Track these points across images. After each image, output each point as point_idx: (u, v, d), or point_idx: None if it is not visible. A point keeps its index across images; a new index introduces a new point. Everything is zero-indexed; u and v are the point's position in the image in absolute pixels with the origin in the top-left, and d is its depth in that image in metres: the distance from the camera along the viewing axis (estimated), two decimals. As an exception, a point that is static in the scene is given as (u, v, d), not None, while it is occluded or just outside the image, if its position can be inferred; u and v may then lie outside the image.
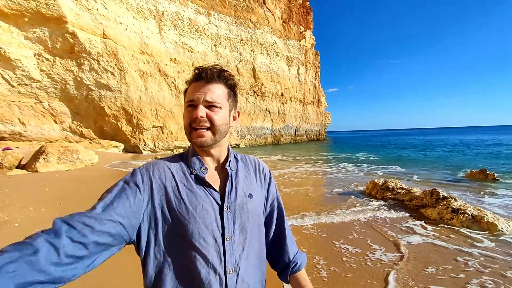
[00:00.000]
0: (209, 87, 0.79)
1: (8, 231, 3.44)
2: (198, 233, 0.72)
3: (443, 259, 2.91)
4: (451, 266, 2.74)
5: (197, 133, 0.78)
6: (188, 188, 0.77)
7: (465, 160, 14.06)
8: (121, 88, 18.63)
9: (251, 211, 0.83)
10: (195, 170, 0.81)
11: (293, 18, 43.62)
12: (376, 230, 3.82)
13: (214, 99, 0.78)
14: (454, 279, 2.51)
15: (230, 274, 0.74)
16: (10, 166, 8.43)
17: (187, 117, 0.79)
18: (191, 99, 0.78)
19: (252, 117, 36.20)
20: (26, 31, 14.77)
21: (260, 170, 0.96)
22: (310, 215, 4.48)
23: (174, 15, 25.88)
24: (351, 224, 4.11)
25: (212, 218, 0.75)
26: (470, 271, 2.64)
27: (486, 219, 3.78)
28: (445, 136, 59.30)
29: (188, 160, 0.84)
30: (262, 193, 0.92)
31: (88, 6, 17.14)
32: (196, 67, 0.82)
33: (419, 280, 2.49)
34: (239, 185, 0.84)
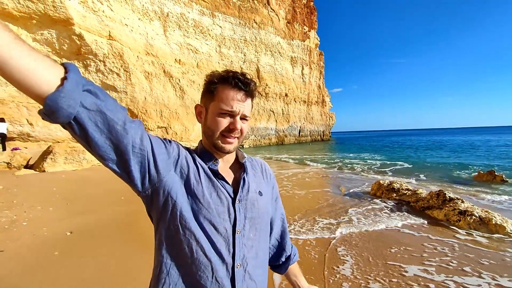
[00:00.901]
0: (249, 101, 0.83)
1: (17, 230, 3.51)
2: (210, 219, 0.73)
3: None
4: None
5: (227, 140, 0.80)
6: (206, 174, 0.79)
7: (473, 161, 13.83)
8: (126, 89, 18.82)
9: (261, 207, 0.84)
10: (207, 164, 0.82)
11: (297, 18, 43.51)
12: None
13: (248, 113, 0.82)
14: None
15: (238, 268, 0.74)
16: (19, 166, 8.58)
17: (220, 124, 0.79)
18: (230, 109, 0.78)
19: (256, 117, 36.20)
20: (34, 33, 15.02)
21: (266, 171, 0.99)
22: (329, 224, 4.05)
23: (178, 16, 26.05)
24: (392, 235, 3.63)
25: (225, 208, 0.76)
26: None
27: (494, 221, 3.72)
28: (452, 136, 58.47)
29: (200, 154, 0.85)
30: (269, 192, 0.94)
31: (94, 8, 17.37)
32: (230, 70, 0.81)
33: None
34: (250, 181, 0.86)
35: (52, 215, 4.15)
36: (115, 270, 2.58)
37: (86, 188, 6.26)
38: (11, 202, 4.71)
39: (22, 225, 3.70)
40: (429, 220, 4.23)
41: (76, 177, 7.56)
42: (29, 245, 3.08)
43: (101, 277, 2.47)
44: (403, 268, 2.72)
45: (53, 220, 3.92)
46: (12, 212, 4.21)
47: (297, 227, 3.97)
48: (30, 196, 5.20)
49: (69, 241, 3.23)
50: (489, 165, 11.76)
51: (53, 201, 4.96)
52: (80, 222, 3.89)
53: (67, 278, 2.42)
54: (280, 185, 7.28)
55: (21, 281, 2.36)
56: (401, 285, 2.43)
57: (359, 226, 4.00)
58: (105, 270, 2.59)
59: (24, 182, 6.58)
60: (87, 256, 2.86)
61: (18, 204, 4.65)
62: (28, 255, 2.85)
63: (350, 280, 2.51)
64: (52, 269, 2.57)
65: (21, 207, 4.46)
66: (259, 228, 0.82)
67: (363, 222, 4.15)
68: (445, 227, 3.93)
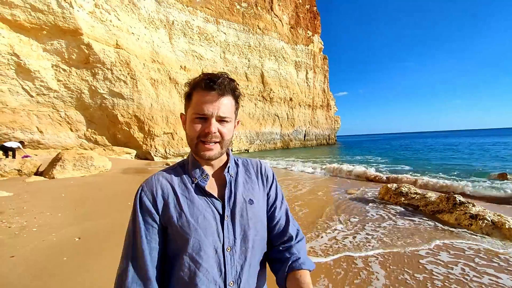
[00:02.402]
0: (222, 101, 0.76)
1: (27, 236, 3.56)
2: (199, 246, 0.72)
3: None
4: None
5: (206, 147, 0.76)
6: (189, 200, 0.77)
7: (484, 164, 13.52)
8: (133, 96, 19.13)
9: (251, 217, 0.80)
10: (196, 179, 0.80)
11: (300, 23, 43.81)
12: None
13: (225, 113, 0.77)
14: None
15: (231, 286, 0.73)
16: (29, 173, 8.76)
17: (195, 129, 0.76)
18: (202, 112, 0.75)
19: (261, 122, 36.27)
20: (45, 44, 15.48)
21: (262, 172, 0.93)
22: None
23: (183, 24, 26.54)
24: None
25: (213, 228, 0.75)
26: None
27: (508, 225, 3.61)
28: (461, 139, 57.35)
29: (189, 169, 0.83)
30: (264, 197, 0.89)
31: (102, 18, 17.84)
32: (204, 73, 0.78)
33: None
34: (238, 191, 0.82)
35: (61, 221, 4.20)
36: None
37: (94, 194, 6.34)
38: (21, 209, 4.80)
39: (32, 231, 3.76)
40: (441, 225, 4.13)
41: (84, 183, 7.67)
42: (39, 251, 3.12)
43: (109, 283, 2.48)
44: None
45: (62, 226, 3.97)
46: (23, 218, 4.28)
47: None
48: (40, 203, 5.29)
49: (77, 247, 3.26)
50: (487, 166, 11.49)
51: (62, 207, 5.04)
52: (88, 227, 3.93)
53: (76, 283, 2.44)
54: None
55: (31, 286, 2.39)
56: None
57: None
58: (113, 275, 2.59)
59: (34, 188, 6.71)
60: (95, 261, 2.88)
61: (28, 210, 4.73)
62: (38, 260, 2.89)
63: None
64: (60, 274, 2.59)
65: (31, 213, 4.54)
66: (251, 238, 0.79)
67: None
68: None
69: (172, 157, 21.32)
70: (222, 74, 0.78)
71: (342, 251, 3.19)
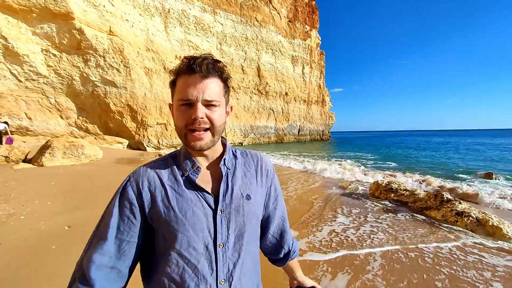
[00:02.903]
0: (206, 83, 0.70)
1: (14, 224, 3.50)
2: (187, 242, 0.68)
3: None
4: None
5: (195, 136, 0.71)
6: (178, 193, 0.72)
7: (473, 163, 13.88)
8: (126, 85, 18.75)
9: (247, 213, 0.76)
10: (187, 171, 0.75)
11: (298, 17, 43.41)
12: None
13: (212, 96, 0.70)
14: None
15: (222, 284, 0.70)
16: (17, 160, 8.55)
17: (182, 118, 0.70)
18: (186, 97, 0.69)
19: (256, 115, 36.19)
20: (34, 27, 14.92)
21: (262, 166, 0.88)
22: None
23: (180, 13, 25.94)
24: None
25: (203, 224, 0.70)
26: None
27: (491, 223, 3.74)
28: (452, 138, 58.61)
29: (180, 161, 0.77)
30: (262, 192, 0.85)
31: (95, 3, 17.26)
32: (185, 56, 0.71)
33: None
34: (235, 185, 0.78)
35: (50, 209, 4.14)
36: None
37: (84, 183, 6.25)
38: (8, 196, 4.70)
39: (20, 218, 3.69)
40: (428, 221, 4.25)
41: (74, 172, 7.55)
42: (27, 239, 3.07)
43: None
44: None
45: (50, 214, 3.92)
46: (10, 205, 4.20)
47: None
48: (28, 190, 5.19)
49: (66, 235, 3.23)
50: (469, 165, 11.82)
51: (51, 195, 4.95)
52: (78, 216, 3.88)
53: (65, 272, 2.42)
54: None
55: (18, 274, 2.36)
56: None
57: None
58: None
59: (22, 176, 6.56)
60: (85, 250, 2.86)
61: (16, 197, 4.64)
62: (26, 248, 2.85)
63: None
64: (49, 263, 2.57)
65: (19, 201, 4.45)
66: (245, 235, 0.76)
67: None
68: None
69: (165, 148, 21.13)
70: (205, 55, 0.72)
71: (340, 250, 3.25)
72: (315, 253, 3.05)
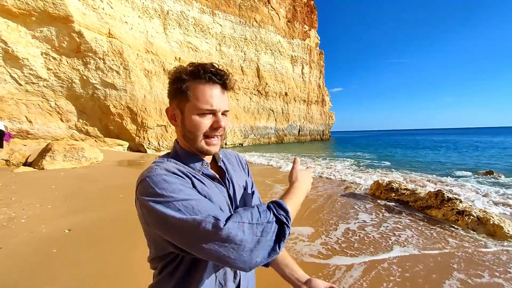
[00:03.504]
0: (226, 95, 0.76)
1: (15, 227, 3.51)
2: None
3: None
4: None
5: (210, 142, 0.74)
6: (202, 183, 0.72)
7: (473, 161, 13.87)
8: (126, 87, 18.77)
9: (248, 203, 0.84)
10: (199, 170, 0.76)
11: (297, 17, 43.43)
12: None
13: (228, 107, 0.77)
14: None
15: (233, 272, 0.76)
16: (18, 164, 8.56)
17: (203, 125, 0.72)
18: (211, 108, 0.71)
19: (255, 116, 36.19)
20: (34, 30, 14.96)
21: (241, 161, 0.97)
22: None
23: (179, 14, 25.98)
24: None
25: (228, 212, 0.73)
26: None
27: (492, 221, 3.73)
28: (451, 136, 58.53)
29: (186, 162, 0.77)
30: (249, 182, 0.93)
31: (94, 6, 17.30)
32: (201, 64, 0.72)
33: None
34: (234, 179, 0.84)
35: (50, 213, 4.14)
36: (114, 267, 2.58)
37: (85, 186, 6.26)
38: (9, 200, 4.71)
39: (21, 222, 3.70)
40: (428, 219, 4.24)
41: (75, 175, 7.56)
42: (28, 243, 3.08)
43: (100, 274, 2.47)
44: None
45: (51, 218, 3.92)
46: (11, 209, 4.20)
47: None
48: (28, 194, 5.20)
49: (67, 239, 3.23)
50: (466, 163, 11.82)
51: (52, 198, 4.96)
52: (79, 219, 3.89)
53: (66, 275, 2.43)
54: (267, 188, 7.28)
55: (20, 278, 2.36)
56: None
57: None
58: (104, 267, 2.59)
59: (23, 179, 6.57)
60: (86, 253, 2.86)
61: (17, 201, 4.64)
62: (27, 252, 2.85)
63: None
64: (50, 266, 2.57)
65: (20, 205, 4.45)
66: None
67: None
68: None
69: (165, 150, 21.13)
70: (220, 68, 0.74)
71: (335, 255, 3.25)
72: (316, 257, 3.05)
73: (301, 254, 3.02)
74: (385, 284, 2.40)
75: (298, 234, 3.60)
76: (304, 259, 2.93)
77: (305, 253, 3.05)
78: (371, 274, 2.58)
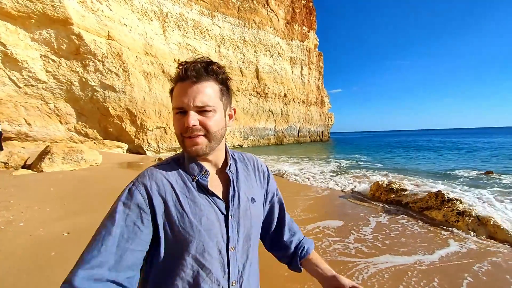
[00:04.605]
0: (198, 88, 0.67)
1: (14, 230, 3.48)
2: (202, 247, 0.67)
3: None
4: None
5: (191, 141, 0.69)
6: (190, 199, 0.69)
7: (473, 161, 13.88)
8: (125, 89, 18.77)
9: (253, 216, 0.79)
10: (196, 176, 0.72)
11: (296, 19, 43.58)
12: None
13: (205, 102, 0.67)
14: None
15: (234, 285, 0.71)
16: (16, 166, 8.53)
17: (177, 125, 0.69)
18: (179, 105, 0.68)
19: (255, 117, 36.20)
20: (33, 33, 14.96)
21: (259, 168, 0.90)
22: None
23: (178, 16, 26.04)
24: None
25: (217, 229, 0.70)
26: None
27: (492, 222, 3.72)
28: (452, 137, 58.66)
29: (185, 165, 0.74)
30: (262, 193, 0.88)
31: (93, 8, 17.33)
32: (180, 62, 0.70)
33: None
34: (241, 189, 0.79)
35: (49, 216, 4.12)
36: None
37: (83, 188, 6.24)
38: (8, 202, 4.68)
39: (19, 225, 3.67)
40: (428, 221, 4.23)
41: (73, 177, 7.53)
42: (26, 246, 3.05)
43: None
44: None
45: (50, 221, 3.90)
46: (9, 212, 4.18)
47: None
48: (27, 196, 5.17)
49: (66, 242, 3.21)
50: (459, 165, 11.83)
51: (50, 201, 4.94)
52: (78, 222, 3.86)
53: (64, 279, 2.40)
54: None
55: (17, 282, 2.34)
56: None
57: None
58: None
59: (22, 182, 6.55)
60: (84, 256, 2.84)
61: (15, 204, 4.62)
62: (25, 255, 2.83)
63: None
64: (48, 270, 2.55)
65: (18, 207, 4.43)
66: (252, 237, 0.78)
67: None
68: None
69: (165, 152, 21.12)
70: (200, 58, 0.70)
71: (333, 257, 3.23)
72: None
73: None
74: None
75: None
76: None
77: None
78: (369, 275, 2.57)
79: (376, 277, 2.54)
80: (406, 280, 2.48)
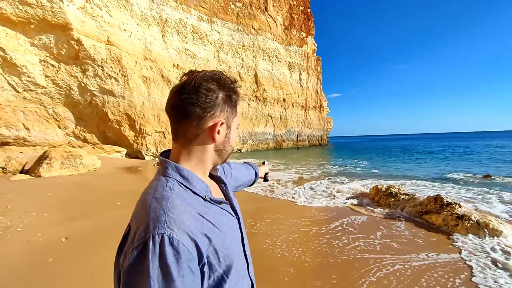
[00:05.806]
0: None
1: (11, 236, 3.45)
2: (237, 257, 0.64)
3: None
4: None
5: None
6: (213, 217, 0.62)
7: (471, 165, 13.92)
8: (124, 94, 18.80)
9: (239, 208, 0.81)
10: (207, 195, 0.65)
11: (294, 24, 44.05)
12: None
13: None
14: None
15: (251, 274, 0.74)
16: (14, 171, 8.49)
17: (236, 140, 0.77)
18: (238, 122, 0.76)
19: (254, 122, 36.29)
20: (32, 38, 15.03)
21: (225, 170, 0.97)
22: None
23: (177, 22, 26.27)
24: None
25: (238, 232, 0.72)
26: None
27: (492, 225, 3.73)
28: (450, 141, 58.89)
29: (194, 187, 0.64)
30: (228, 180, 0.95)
31: (93, 14, 17.46)
32: (233, 79, 0.69)
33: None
34: (229, 190, 0.81)
35: (47, 221, 4.09)
36: (111, 276, 2.54)
37: (82, 193, 6.20)
38: (5, 208, 4.64)
39: (17, 231, 3.64)
40: (427, 226, 4.23)
41: (72, 182, 7.49)
42: (23, 252, 3.03)
43: (97, 283, 2.42)
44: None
45: (48, 226, 3.87)
46: (7, 218, 4.14)
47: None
48: (25, 202, 5.14)
49: (64, 247, 3.18)
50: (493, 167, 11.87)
51: (48, 206, 4.90)
52: (76, 227, 3.84)
53: (62, 285, 2.38)
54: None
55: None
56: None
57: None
58: (100, 275, 2.55)
59: (19, 187, 6.50)
60: (83, 262, 2.82)
61: (13, 209, 4.58)
62: (22, 261, 2.80)
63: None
64: (46, 276, 2.52)
65: (16, 213, 4.40)
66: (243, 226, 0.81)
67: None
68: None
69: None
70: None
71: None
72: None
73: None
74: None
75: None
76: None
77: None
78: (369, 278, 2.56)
79: (376, 277, 2.53)
80: (404, 283, 2.47)
